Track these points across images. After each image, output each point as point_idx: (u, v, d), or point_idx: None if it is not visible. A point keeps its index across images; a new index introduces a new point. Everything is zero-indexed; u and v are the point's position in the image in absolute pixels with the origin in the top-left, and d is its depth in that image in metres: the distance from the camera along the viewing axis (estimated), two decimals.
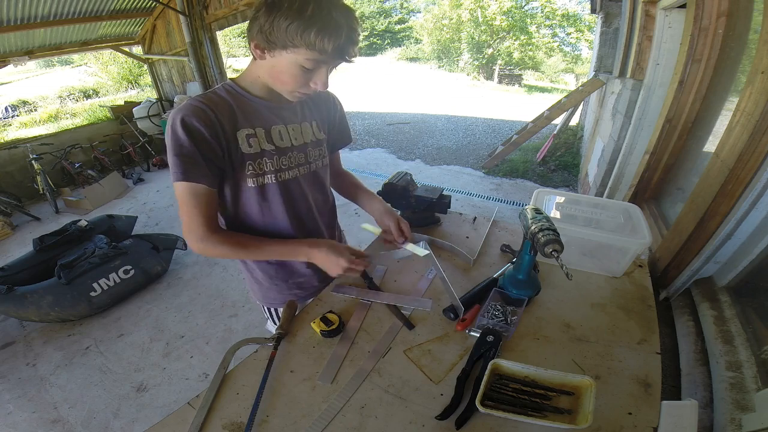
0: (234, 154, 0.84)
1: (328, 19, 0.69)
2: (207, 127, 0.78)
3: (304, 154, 0.95)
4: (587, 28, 14.44)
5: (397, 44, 23.85)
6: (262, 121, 0.88)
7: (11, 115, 8.79)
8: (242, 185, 0.88)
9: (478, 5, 15.28)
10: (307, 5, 0.68)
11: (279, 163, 0.90)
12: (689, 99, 1.66)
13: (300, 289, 1.11)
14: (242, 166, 0.86)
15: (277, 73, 0.79)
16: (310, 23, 0.68)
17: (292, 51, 0.73)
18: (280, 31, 0.70)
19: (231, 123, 0.83)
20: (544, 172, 4.78)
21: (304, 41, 0.70)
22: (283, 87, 0.82)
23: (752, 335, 0.90)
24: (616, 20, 4.46)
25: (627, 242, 1.02)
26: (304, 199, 0.99)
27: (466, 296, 0.98)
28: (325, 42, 0.70)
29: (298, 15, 0.68)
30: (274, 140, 0.89)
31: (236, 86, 0.86)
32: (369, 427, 0.70)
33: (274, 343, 0.86)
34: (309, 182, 1.00)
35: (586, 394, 0.70)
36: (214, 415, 0.73)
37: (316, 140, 0.99)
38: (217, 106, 0.81)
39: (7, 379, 2.07)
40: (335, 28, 0.70)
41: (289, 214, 0.96)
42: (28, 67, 14.19)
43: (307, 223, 1.03)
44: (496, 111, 8.98)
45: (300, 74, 0.77)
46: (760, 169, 0.90)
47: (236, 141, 0.84)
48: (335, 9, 0.71)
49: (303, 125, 0.95)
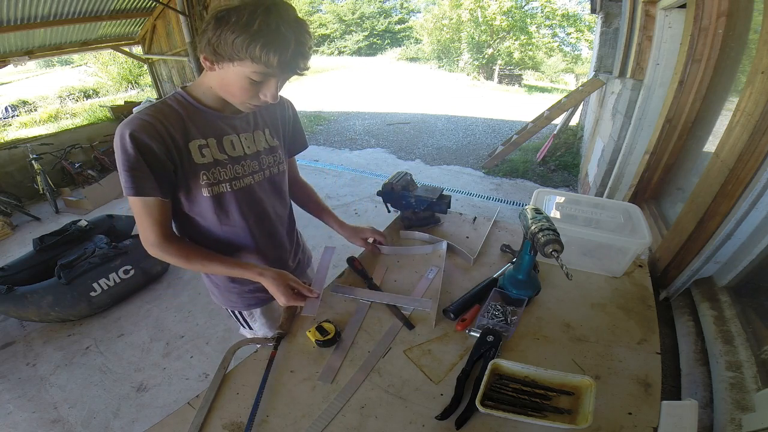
0: (187, 164, 0.84)
1: (275, 34, 0.70)
2: (155, 140, 0.78)
3: (257, 162, 0.96)
4: (587, 28, 14.43)
5: (397, 44, 23.84)
6: (214, 131, 0.88)
7: (11, 115, 8.79)
8: (197, 195, 0.88)
9: (478, 5, 15.26)
10: (254, 20, 0.69)
11: (233, 172, 0.91)
12: (689, 99, 1.66)
13: (261, 292, 1.07)
14: (196, 176, 0.86)
15: (227, 85, 0.80)
16: (255, 37, 0.69)
17: (239, 64, 0.73)
18: (227, 45, 0.70)
19: (182, 134, 0.83)
20: (544, 172, 4.78)
21: (249, 55, 0.70)
22: (233, 98, 0.82)
23: (752, 335, 0.90)
24: (616, 20, 4.46)
25: (627, 242, 1.02)
26: (260, 206, 0.99)
27: (466, 296, 0.98)
28: (270, 56, 0.71)
29: (244, 29, 0.68)
30: (227, 150, 0.90)
31: (188, 96, 0.86)
32: (369, 427, 0.71)
33: (274, 343, 0.86)
34: (265, 189, 1.00)
35: (586, 394, 0.70)
36: (214, 415, 0.73)
37: (269, 147, 0.99)
38: (167, 118, 0.81)
39: (7, 379, 2.07)
40: (282, 43, 0.71)
41: (247, 221, 0.97)
42: (28, 67, 14.19)
43: (266, 228, 1.03)
44: (496, 111, 8.98)
45: (248, 86, 0.77)
46: (760, 169, 0.91)
47: (188, 152, 0.84)
48: (284, 23, 0.71)
49: (255, 133, 0.96)
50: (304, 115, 7.98)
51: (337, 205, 3.90)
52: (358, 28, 24.43)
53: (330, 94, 10.86)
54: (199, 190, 0.87)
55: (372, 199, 3.97)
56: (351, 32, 24.55)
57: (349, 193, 4.21)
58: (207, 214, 0.92)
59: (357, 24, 24.32)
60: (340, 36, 24.81)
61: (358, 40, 24.31)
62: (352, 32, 24.49)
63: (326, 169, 5.05)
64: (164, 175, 0.82)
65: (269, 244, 1.05)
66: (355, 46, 24.33)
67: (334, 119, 8.05)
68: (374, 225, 1.24)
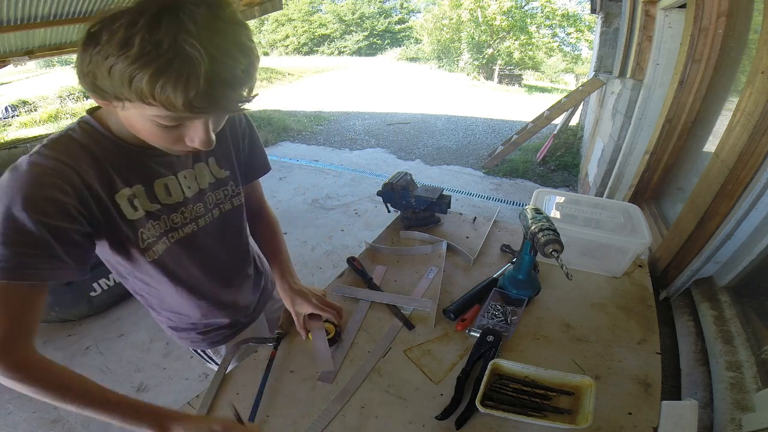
0: (118, 224, 0.62)
1: (169, 57, 0.43)
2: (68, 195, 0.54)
3: (201, 204, 0.75)
4: (587, 28, 14.44)
5: (397, 44, 23.86)
6: (142, 176, 0.65)
7: (11, 115, 8.78)
8: (137, 258, 0.68)
9: (478, 5, 15.27)
10: (133, 35, 0.43)
11: (169, 222, 0.70)
12: (689, 99, 1.66)
13: (226, 329, 0.93)
14: (135, 237, 0.65)
15: (137, 130, 0.56)
16: (140, 65, 0.43)
17: (132, 103, 0.48)
18: (104, 76, 0.46)
19: (104, 184, 0.59)
20: (544, 172, 4.78)
21: (135, 92, 0.45)
22: (154, 144, 0.58)
23: (752, 335, 0.90)
24: (616, 20, 4.46)
25: (627, 242, 1.02)
26: (207, 254, 0.80)
27: (466, 296, 0.98)
28: (167, 92, 0.44)
29: (120, 52, 0.43)
30: (160, 198, 0.68)
31: (100, 127, 0.60)
32: (369, 427, 0.71)
33: (274, 343, 0.86)
34: (212, 233, 0.79)
35: (586, 394, 0.70)
36: (214, 415, 0.73)
37: (216, 181, 0.78)
38: (78, 162, 0.56)
39: None
40: (184, 71, 0.43)
41: (195, 273, 0.78)
42: (28, 67, 14.19)
43: (224, 270, 0.86)
44: (496, 111, 8.98)
45: (160, 132, 0.53)
46: (760, 169, 0.91)
47: (117, 207, 0.62)
48: (187, 35, 0.43)
49: (198, 167, 0.74)
50: (304, 115, 7.98)
51: (337, 205, 3.90)
52: (358, 28, 24.44)
53: (330, 94, 10.85)
54: (139, 253, 0.66)
55: (372, 199, 3.98)
56: (351, 32, 24.55)
57: (349, 193, 4.21)
58: (152, 275, 0.73)
59: (357, 24, 24.33)
60: (340, 36, 24.81)
61: (358, 40, 24.32)
62: (352, 32, 24.50)
63: (326, 169, 5.04)
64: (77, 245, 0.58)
65: (223, 290, 0.87)
66: (355, 46, 24.34)
67: (334, 119, 8.05)
68: (374, 225, 1.23)
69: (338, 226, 3.45)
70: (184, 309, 0.84)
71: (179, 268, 0.75)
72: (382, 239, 1.28)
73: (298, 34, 24.64)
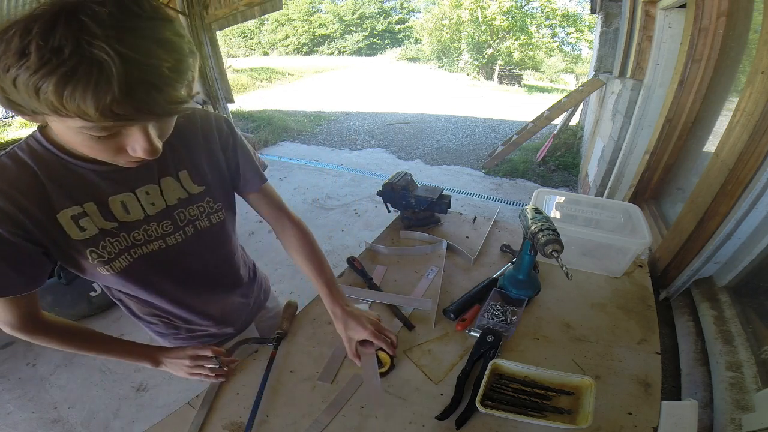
0: (62, 242, 0.59)
1: (73, 62, 0.38)
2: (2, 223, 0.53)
3: (169, 221, 0.69)
4: (587, 28, 14.44)
5: (397, 44, 23.88)
6: (93, 193, 0.61)
7: (11, 115, 8.78)
8: (95, 273, 0.64)
9: (478, 5, 15.27)
10: (29, 43, 0.38)
11: (130, 239, 0.65)
12: (689, 99, 1.66)
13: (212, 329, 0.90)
14: (83, 255, 0.61)
15: (69, 143, 0.54)
16: (42, 75, 0.39)
17: (48, 117, 0.44)
18: (11, 90, 0.41)
19: (42, 205, 0.56)
20: (544, 172, 4.78)
21: (44, 104, 0.41)
22: (94, 156, 0.53)
23: (752, 335, 0.90)
24: (616, 20, 4.46)
25: (627, 242, 1.02)
26: (180, 268, 0.75)
27: (466, 296, 0.98)
28: (78, 101, 0.39)
29: (18, 62, 0.39)
30: (116, 215, 0.63)
31: (47, 144, 0.56)
32: (369, 427, 0.71)
33: (274, 343, 0.86)
34: (189, 249, 0.73)
35: (586, 394, 0.70)
36: (214, 415, 0.73)
37: (189, 197, 0.70)
38: (13, 186, 0.54)
39: (7, 379, 2.07)
40: (96, 76, 0.39)
41: (166, 287, 0.75)
42: None
43: (203, 283, 0.81)
44: (496, 111, 8.98)
45: (95, 144, 0.48)
46: (760, 169, 0.91)
47: (59, 227, 0.58)
48: (95, 38, 0.39)
49: (164, 182, 0.67)
50: (304, 115, 7.98)
51: (337, 205, 3.90)
52: (358, 28, 24.46)
53: (330, 94, 10.85)
54: (93, 268, 0.63)
55: (372, 199, 3.98)
56: (351, 32, 24.57)
57: (349, 193, 4.21)
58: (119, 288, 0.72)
59: (357, 24, 24.34)
60: (340, 36, 24.84)
61: (358, 40, 24.34)
62: (352, 32, 24.52)
63: (326, 169, 5.04)
64: (28, 265, 0.58)
65: (204, 301, 0.84)
66: (355, 46, 24.36)
67: (334, 119, 8.05)
68: (374, 225, 1.23)
69: (338, 226, 3.45)
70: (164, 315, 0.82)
71: (148, 281, 0.72)
72: (382, 239, 1.28)
73: (298, 34, 24.66)
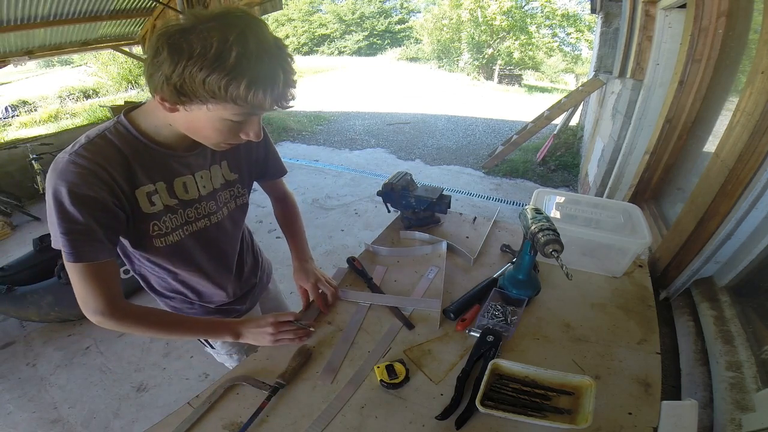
0: (136, 214, 0.73)
1: (259, 67, 0.57)
2: (104, 191, 0.65)
3: (214, 201, 0.85)
4: (587, 28, 14.43)
5: (397, 44, 23.84)
6: (164, 174, 0.75)
7: (11, 115, 8.77)
8: (148, 244, 0.77)
9: (478, 5, 15.26)
10: (228, 52, 0.54)
11: (185, 216, 0.80)
12: (689, 99, 1.66)
13: (219, 314, 1.01)
14: (146, 227, 0.75)
15: (197, 128, 0.67)
16: (235, 75, 0.55)
17: (215, 106, 0.60)
18: (196, 85, 0.56)
19: (128, 180, 0.70)
20: (544, 172, 4.78)
21: (230, 96, 0.57)
22: (206, 140, 0.70)
23: (752, 335, 0.90)
24: (616, 20, 4.46)
25: (627, 242, 1.02)
26: (217, 247, 0.90)
27: (466, 296, 0.98)
28: (259, 95, 0.58)
29: (217, 65, 0.54)
30: (178, 194, 0.78)
31: (132, 129, 0.70)
32: (369, 427, 0.71)
33: (269, 393, 0.75)
34: (223, 228, 0.90)
35: (586, 394, 0.70)
36: (214, 415, 0.73)
37: (226, 182, 0.88)
38: (109, 162, 0.66)
39: (7, 379, 2.07)
40: (270, 76, 0.58)
41: (203, 263, 0.89)
42: (28, 67, 14.18)
43: (224, 266, 0.96)
44: (496, 111, 8.97)
45: (226, 128, 0.65)
46: (760, 169, 0.91)
47: (136, 200, 0.72)
48: (266, 52, 0.57)
49: (213, 169, 0.84)
50: (304, 115, 7.98)
51: (336, 205, 3.90)
52: (358, 28, 24.42)
53: (330, 94, 10.85)
54: (150, 240, 0.76)
55: (372, 199, 3.97)
56: (351, 32, 24.53)
57: (349, 193, 4.21)
58: (161, 261, 0.83)
59: (357, 24, 24.31)
60: (340, 36, 24.80)
61: (358, 40, 24.30)
62: (352, 32, 24.48)
63: (326, 169, 5.04)
64: (116, 231, 0.70)
65: (225, 277, 0.97)
66: (355, 46, 24.32)
67: (334, 119, 8.05)
68: (374, 225, 1.24)
69: (338, 226, 3.45)
70: (187, 290, 0.93)
71: (189, 257, 0.85)
72: (382, 239, 1.28)
73: (298, 34, 24.62)
